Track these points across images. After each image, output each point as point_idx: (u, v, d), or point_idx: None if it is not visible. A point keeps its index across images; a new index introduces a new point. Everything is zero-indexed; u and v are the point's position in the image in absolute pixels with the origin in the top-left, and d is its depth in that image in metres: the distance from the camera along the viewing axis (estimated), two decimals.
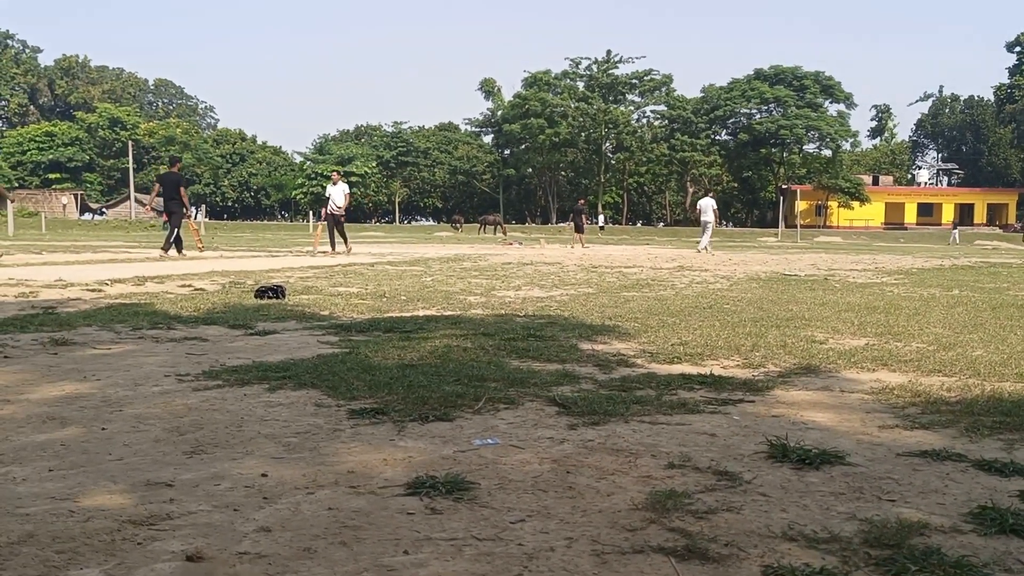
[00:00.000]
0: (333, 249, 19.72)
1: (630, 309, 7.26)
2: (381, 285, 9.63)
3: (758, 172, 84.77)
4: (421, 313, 6.86)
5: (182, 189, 17.39)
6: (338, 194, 19.78)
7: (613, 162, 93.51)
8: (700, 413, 3.35)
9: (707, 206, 25.69)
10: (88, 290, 8.50)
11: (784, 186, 77.64)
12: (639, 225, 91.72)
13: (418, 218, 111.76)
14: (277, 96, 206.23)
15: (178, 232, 17.02)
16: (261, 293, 7.79)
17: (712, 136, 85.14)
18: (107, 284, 9.21)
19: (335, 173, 21.56)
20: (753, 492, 2.39)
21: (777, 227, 61.67)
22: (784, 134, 77.80)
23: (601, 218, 69.68)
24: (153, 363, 4.34)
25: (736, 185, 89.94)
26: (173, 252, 16.78)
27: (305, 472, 2.52)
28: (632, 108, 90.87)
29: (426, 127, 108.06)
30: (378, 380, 3.81)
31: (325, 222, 20.32)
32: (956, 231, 55.64)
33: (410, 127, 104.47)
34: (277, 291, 7.78)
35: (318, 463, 2.61)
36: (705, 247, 24.58)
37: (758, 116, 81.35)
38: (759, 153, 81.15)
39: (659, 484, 2.44)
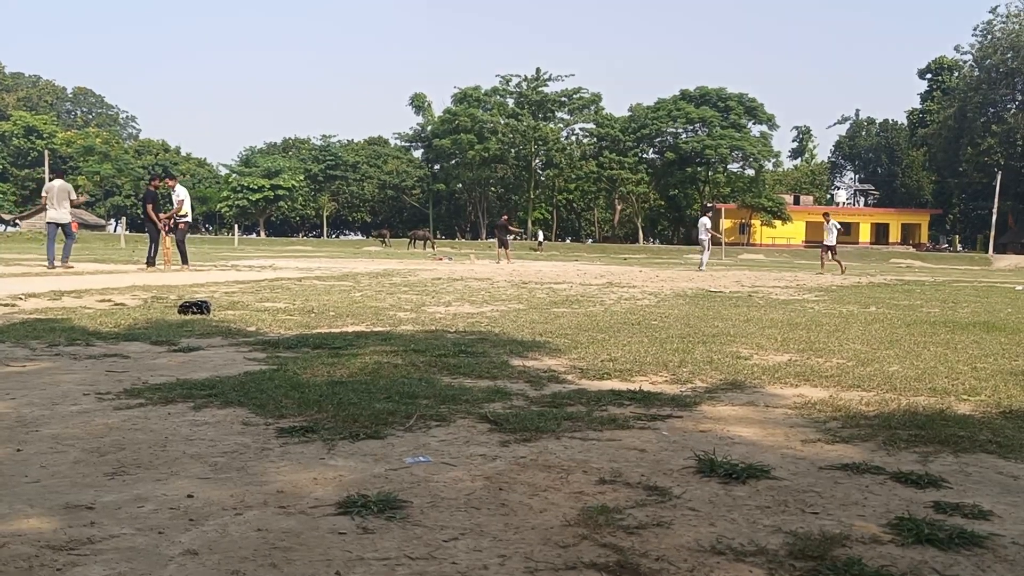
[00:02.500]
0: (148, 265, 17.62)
1: (560, 325, 7.31)
2: (309, 300, 9.51)
3: (684, 190, 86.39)
4: (351, 329, 6.80)
5: (149, 206, 17.64)
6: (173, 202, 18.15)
7: (543, 178, 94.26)
8: (630, 429, 3.39)
9: (700, 224, 25.90)
10: (0, 304, 8.20)
11: (709, 204, 79.31)
12: (568, 241, 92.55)
13: (347, 232, 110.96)
14: (202, 107, 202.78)
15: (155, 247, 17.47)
16: (185, 308, 7.62)
17: (640, 154, 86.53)
18: (21, 298, 8.89)
19: (168, 179, 19.02)
20: (683, 507, 2.43)
21: None
22: (709, 153, 79.49)
23: (540, 234, 70.04)
24: (71, 381, 4.21)
25: (663, 203, 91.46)
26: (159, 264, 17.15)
27: (233, 493, 2.47)
28: (561, 125, 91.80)
29: (355, 141, 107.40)
30: (307, 397, 3.76)
31: (172, 235, 18.20)
32: None
33: (339, 141, 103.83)
34: (201, 306, 7.62)
35: (246, 483, 2.57)
36: (701, 265, 24.85)
37: (684, 136, 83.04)
38: (685, 172, 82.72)
39: (591, 500, 2.46)
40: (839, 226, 25.85)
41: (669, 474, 2.77)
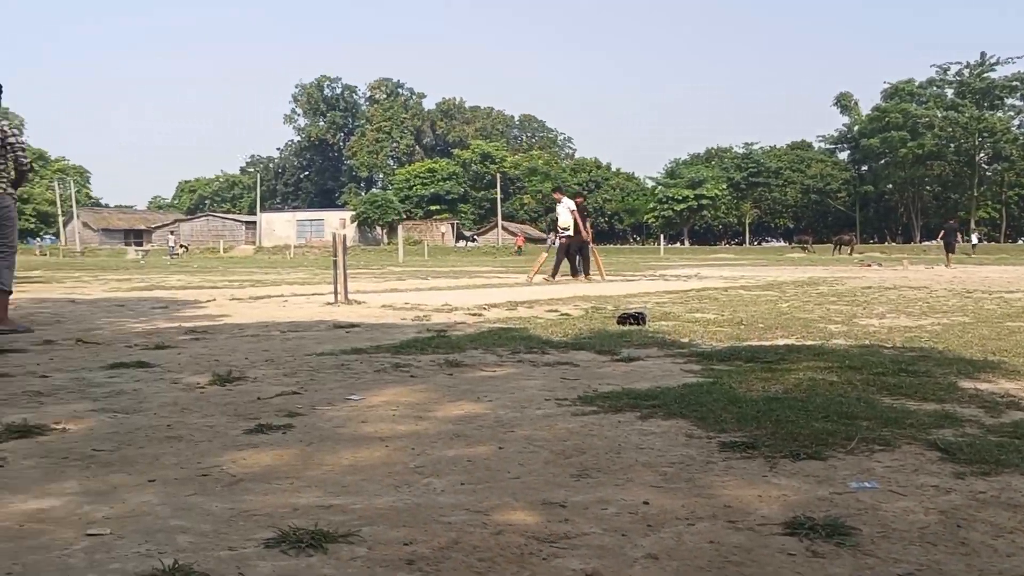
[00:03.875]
0: (574, 276, 18.83)
1: (1017, 342, 6.60)
2: (737, 311, 9.59)
3: None
4: (780, 342, 6.77)
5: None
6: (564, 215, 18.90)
7: (989, 174, 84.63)
8: None
9: None
10: (470, 314, 9.40)
11: None
12: (1021, 243, 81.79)
13: (768, 239, 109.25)
14: (630, 124, 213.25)
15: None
16: (623, 319, 8.11)
17: None
18: (485, 309, 10.11)
19: (556, 193, 20.15)
20: None
21: None
22: None
23: (974, 236, 63.02)
24: (533, 386, 4.75)
25: None
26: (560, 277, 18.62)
27: (684, 503, 2.65)
28: (1012, 114, 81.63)
29: (777, 146, 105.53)
30: (745, 413, 3.86)
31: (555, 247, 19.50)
32: None
33: (761, 147, 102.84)
34: (638, 318, 8.06)
35: (695, 494, 2.74)
36: None
37: None
38: None
39: None
40: None
41: None
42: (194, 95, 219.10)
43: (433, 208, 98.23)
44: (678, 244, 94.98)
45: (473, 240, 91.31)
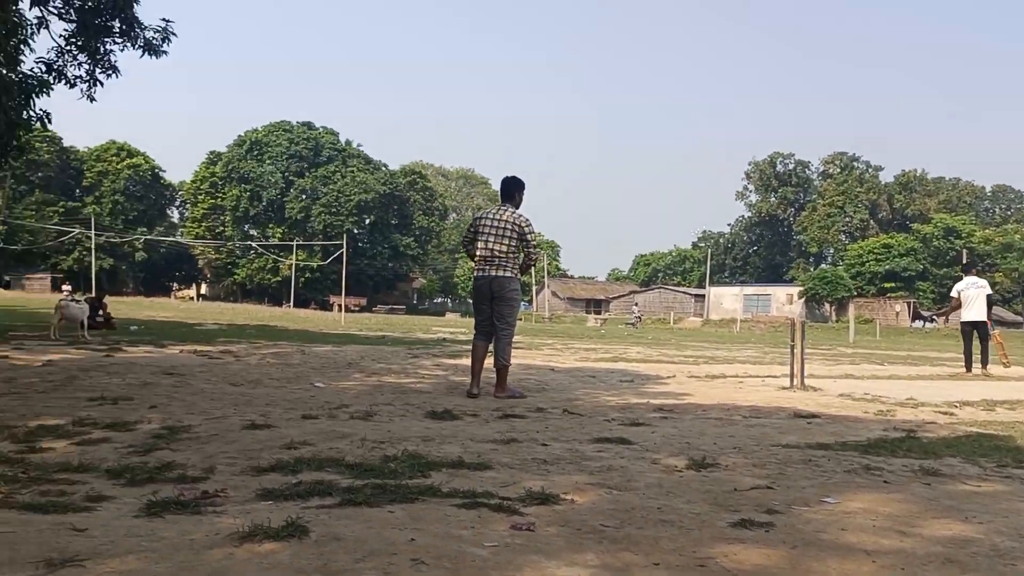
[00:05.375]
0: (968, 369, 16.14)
1: None
2: None
3: None
4: None
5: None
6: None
7: None
8: None
9: None
10: (939, 412, 8.78)
11: None
12: None
13: None
14: None
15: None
16: None
17: None
18: (956, 406, 9.36)
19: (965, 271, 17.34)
20: None
21: None
22: None
23: None
24: None
25: None
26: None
27: None
28: None
29: None
30: None
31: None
32: None
33: None
34: None
35: None
36: None
37: None
38: None
39: None
40: None
41: None
42: (650, 177, 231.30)
43: (887, 285, 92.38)
44: None
45: (932, 320, 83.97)
